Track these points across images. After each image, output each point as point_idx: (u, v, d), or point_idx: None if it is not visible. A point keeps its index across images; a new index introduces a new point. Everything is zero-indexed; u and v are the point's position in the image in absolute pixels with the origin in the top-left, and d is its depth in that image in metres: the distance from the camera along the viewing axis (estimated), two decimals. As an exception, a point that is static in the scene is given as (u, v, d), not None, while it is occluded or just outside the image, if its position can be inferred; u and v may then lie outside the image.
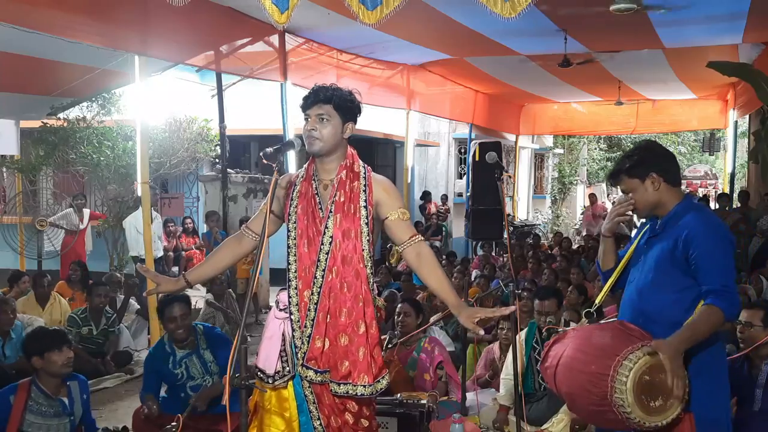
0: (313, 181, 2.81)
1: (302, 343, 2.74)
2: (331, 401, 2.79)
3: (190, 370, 4.48)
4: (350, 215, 2.75)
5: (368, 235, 2.78)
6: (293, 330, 2.76)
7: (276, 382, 2.75)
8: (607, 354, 2.62)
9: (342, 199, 2.76)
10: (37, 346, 3.94)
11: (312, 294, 2.72)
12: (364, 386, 2.71)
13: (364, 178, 2.81)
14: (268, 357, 2.74)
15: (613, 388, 2.56)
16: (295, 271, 2.75)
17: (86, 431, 4.23)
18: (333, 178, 2.79)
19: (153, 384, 4.54)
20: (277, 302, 2.83)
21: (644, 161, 2.84)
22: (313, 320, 2.73)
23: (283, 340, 2.79)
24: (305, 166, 2.88)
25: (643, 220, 3.04)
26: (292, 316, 2.76)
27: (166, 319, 4.44)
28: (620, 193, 3.02)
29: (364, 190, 2.79)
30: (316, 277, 2.72)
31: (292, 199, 2.80)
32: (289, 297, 2.76)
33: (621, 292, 3.07)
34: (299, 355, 2.74)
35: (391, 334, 5.16)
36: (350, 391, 2.71)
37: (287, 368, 2.76)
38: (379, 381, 2.75)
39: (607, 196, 24.18)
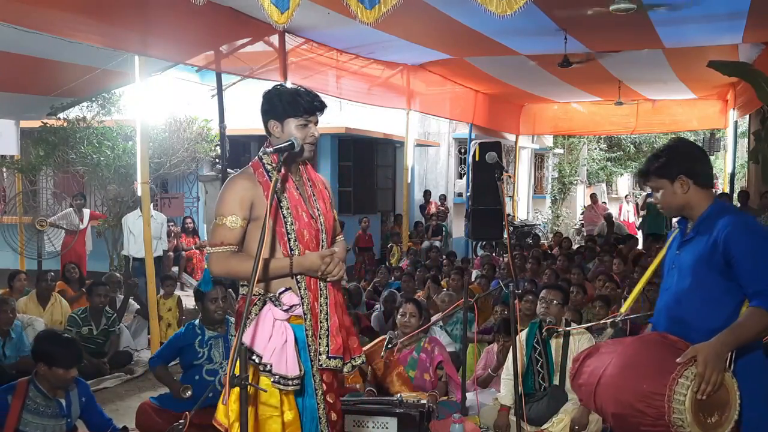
0: (293, 182, 2.87)
1: (320, 337, 2.80)
2: (336, 385, 2.91)
3: (212, 352, 4.67)
4: (328, 211, 2.94)
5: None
6: (306, 329, 2.79)
7: (300, 383, 2.75)
8: (658, 371, 2.54)
9: (321, 197, 2.93)
10: (49, 356, 3.90)
11: (321, 288, 2.82)
12: (360, 357, 3.00)
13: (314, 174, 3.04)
14: (288, 361, 2.73)
15: (670, 408, 2.47)
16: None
17: (101, 428, 4.23)
18: (299, 177, 2.90)
19: (166, 355, 4.79)
20: (277, 302, 2.79)
21: (674, 162, 2.78)
22: (327, 314, 2.82)
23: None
24: (271, 165, 2.82)
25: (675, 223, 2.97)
26: (306, 316, 2.79)
27: (209, 300, 4.69)
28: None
29: (326, 187, 3.01)
30: None
31: (279, 201, 2.79)
32: (302, 297, 2.78)
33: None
34: (321, 350, 2.79)
35: (391, 334, 5.16)
36: (360, 362, 2.97)
37: (302, 370, 2.79)
38: (363, 354, 3.08)
39: (607, 195, 24.19)
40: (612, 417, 2.71)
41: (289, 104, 2.78)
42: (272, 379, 2.69)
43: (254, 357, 2.70)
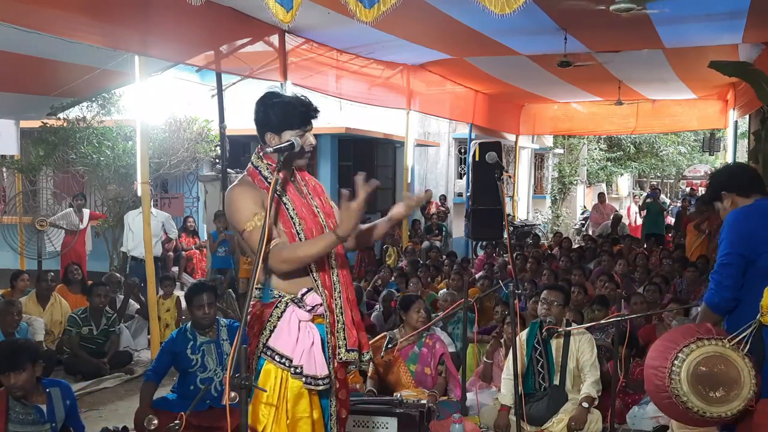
0: (294, 184, 2.89)
1: (338, 332, 2.81)
2: (347, 380, 2.94)
3: (206, 358, 4.63)
4: (328, 208, 2.95)
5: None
6: (326, 327, 2.80)
7: (326, 384, 2.76)
8: (668, 348, 2.88)
9: (318, 196, 2.95)
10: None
11: (334, 284, 2.83)
12: (368, 352, 2.96)
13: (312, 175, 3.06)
14: (317, 361, 2.73)
15: (669, 379, 2.80)
16: (317, 270, 2.79)
17: None
18: (296, 178, 2.92)
19: (161, 367, 4.69)
20: (301, 304, 2.77)
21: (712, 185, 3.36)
22: (341, 308, 2.83)
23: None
24: (267, 170, 2.81)
25: None
26: (326, 313, 2.79)
27: (195, 306, 4.65)
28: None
29: (317, 183, 3.03)
30: (333, 268, 2.84)
31: (285, 203, 2.79)
32: (321, 296, 2.79)
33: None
34: (339, 344, 2.81)
35: (391, 334, 5.16)
36: (369, 357, 2.96)
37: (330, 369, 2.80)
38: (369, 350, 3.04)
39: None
40: (649, 396, 3.14)
41: (284, 117, 2.78)
42: (304, 381, 2.70)
43: (284, 360, 2.70)
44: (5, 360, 3.78)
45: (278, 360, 2.70)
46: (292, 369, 2.69)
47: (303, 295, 2.76)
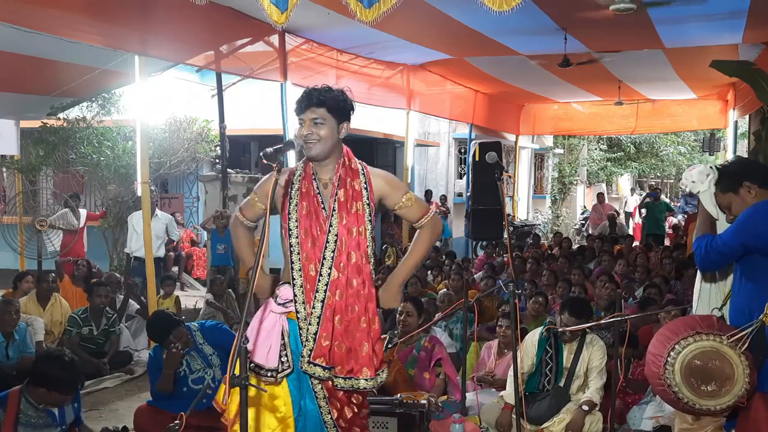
0: (313, 180, 2.83)
1: (307, 340, 2.76)
2: (342, 394, 2.87)
3: (191, 365, 4.65)
4: (353, 213, 2.80)
5: (372, 231, 2.85)
6: (300, 328, 2.78)
7: (277, 377, 2.75)
8: (667, 338, 2.96)
9: (344, 198, 2.81)
10: (50, 381, 3.75)
11: (318, 291, 2.76)
12: (366, 380, 2.79)
13: (363, 175, 2.87)
14: (268, 352, 2.73)
15: (664, 368, 2.90)
16: (300, 270, 2.77)
17: None
18: (331, 177, 2.83)
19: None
20: (276, 296, 2.82)
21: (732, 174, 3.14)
22: (319, 317, 2.76)
23: (282, 334, 2.80)
24: (301, 164, 2.89)
25: None
26: (299, 314, 2.78)
27: (169, 342, 4.61)
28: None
29: (366, 188, 2.84)
30: (321, 275, 2.76)
31: (291, 198, 2.79)
32: (295, 295, 2.78)
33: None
34: (305, 353, 2.76)
35: (391, 333, 5.15)
36: (354, 385, 2.79)
37: (286, 363, 2.77)
38: (379, 374, 2.85)
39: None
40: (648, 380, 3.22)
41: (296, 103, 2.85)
42: (250, 365, 2.68)
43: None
44: (77, 382, 3.94)
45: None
46: None
47: (279, 286, 2.83)
